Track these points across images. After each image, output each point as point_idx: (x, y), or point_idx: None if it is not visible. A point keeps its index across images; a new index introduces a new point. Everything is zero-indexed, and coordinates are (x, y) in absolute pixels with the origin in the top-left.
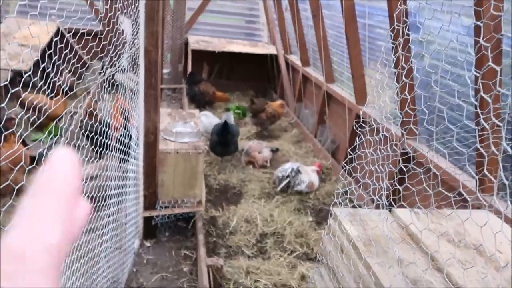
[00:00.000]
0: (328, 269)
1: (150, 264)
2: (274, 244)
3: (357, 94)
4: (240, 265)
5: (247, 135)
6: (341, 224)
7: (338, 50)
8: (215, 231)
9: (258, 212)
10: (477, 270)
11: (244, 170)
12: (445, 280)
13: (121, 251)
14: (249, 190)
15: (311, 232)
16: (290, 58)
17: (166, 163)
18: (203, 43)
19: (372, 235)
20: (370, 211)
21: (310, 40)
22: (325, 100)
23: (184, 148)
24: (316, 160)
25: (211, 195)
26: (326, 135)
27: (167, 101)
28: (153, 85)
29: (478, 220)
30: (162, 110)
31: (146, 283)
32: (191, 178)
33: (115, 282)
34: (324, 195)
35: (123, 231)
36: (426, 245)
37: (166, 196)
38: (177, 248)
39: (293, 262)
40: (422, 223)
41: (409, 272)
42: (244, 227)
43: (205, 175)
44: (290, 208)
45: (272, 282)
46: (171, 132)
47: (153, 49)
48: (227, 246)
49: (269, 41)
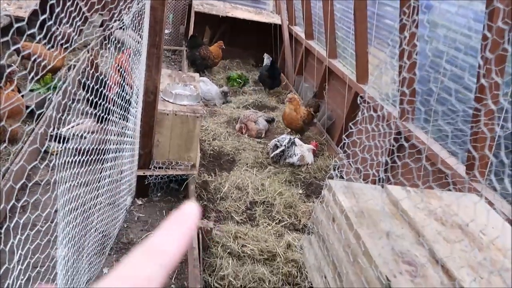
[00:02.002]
0: (318, 237)
1: (140, 222)
2: (263, 212)
3: (358, 72)
4: (229, 230)
5: (244, 104)
6: (335, 195)
7: (344, 25)
8: (206, 195)
9: (250, 180)
10: (461, 248)
11: (239, 138)
12: (429, 255)
13: (113, 207)
14: (243, 158)
15: (300, 204)
16: (294, 29)
17: (164, 124)
18: (208, 6)
19: (364, 207)
20: (363, 186)
21: (316, 13)
22: (326, 76)
23: (182, 110)
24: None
25: (205, 160)
26: (322, 111)
27: (166, 63)
28: (156, 44)
29: (467, 203)
30: (162, 71)
31: (136, 239)
32: (187, 141)
33: (106, 236)
34: (315, 169)
35: (117, 187)
36: (415, 221)
37: (161, 157)
38: (168, 209)
39: (280, 231)
40: (413, 201)
41: (396, 245)
42: (235, 193)
43: (200, 140)
44: (282, 179)
45: (258, 248)
46: (170, 94)
47: (159, 6)
48: (217, 210)
49: (274, 11)
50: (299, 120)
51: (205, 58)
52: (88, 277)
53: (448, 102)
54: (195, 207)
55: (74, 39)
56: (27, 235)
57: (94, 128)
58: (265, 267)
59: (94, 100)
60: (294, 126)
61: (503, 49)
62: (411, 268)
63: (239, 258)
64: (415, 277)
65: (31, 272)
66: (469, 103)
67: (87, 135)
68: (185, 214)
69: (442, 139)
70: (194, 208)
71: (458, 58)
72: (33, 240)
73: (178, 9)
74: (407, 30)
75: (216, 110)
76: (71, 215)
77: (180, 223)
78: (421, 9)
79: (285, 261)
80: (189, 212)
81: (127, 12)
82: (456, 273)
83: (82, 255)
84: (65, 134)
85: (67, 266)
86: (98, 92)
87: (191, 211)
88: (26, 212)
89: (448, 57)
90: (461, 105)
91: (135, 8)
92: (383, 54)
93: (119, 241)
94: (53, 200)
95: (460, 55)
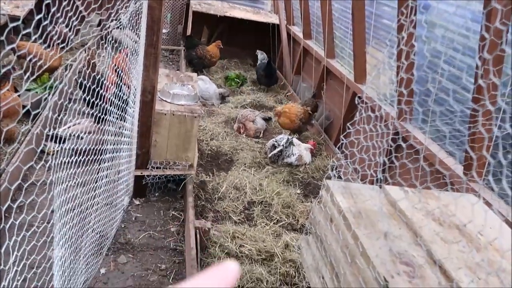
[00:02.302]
0: (316, 238)
1: (138, 222)
2: (261, 212)
3: (356, 72)
4: (227, 230)
5: (242, 103)
6: (333, 195)
7: (341, 25)
8: (204, 195)
9: (247, 180)
10: (458, 249)
11: (237, 138)
12: (427, 255)
13: (111, 207)
14: (240, 158)
15: (298, 204)
16: (292, 29)
17: (161, 124)
18: (205, 6)
19: (362, 208)
20: (361, 186)
21: (314, 13)
22: (324, 75)
23: (180, 110)
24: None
25: (202, 160)
26: (320, 111)
27: (164, 63)
28: (154, 43)
29: (464, 203)
30: (160, 71)
31: (134, 239)
32: (185, 141)
33: (103, 236)
34: (313, 169)
35: (115, 187)
36: (412, 221)
37: (159, 157)
38: (165, 209)
39: (278, 231)
40: (411, 201)
41: (394, 245)
42: (233, 193)
43: (198, 140)
44: (279, 179)
45: (256, 248)
46: (168, 93)
47: (157, 6)
48: (215, 210)
49: (272, 10)
50: (296, 119)
51: (202, 57)
52: (85, 278)
53: (446, 102)
54: (236, 266)
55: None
56: (23, 236)
57: (91, 128)
58: (263, 267)
59: (91, 100)
60: (292, 127)
61: (501, 50)
62: (409, 269)
63: (237, 258)
64: (413, 278)
65: (27, 273)
66: (467, 104)
67: (84, 135)
68: (226, 271)
69: (440, 139)
70: (235, 267)
71: (456, 59)
72: (29, 241)
73: (176, 8)
74: (405, 30)
75: (214, 110)
76: (68, 215)
77: (219, 279)
78: (419, 9)
79: (283, 261)
80: (230, 269)
81: (125, 11)
82: (454, 274)
83: (79, 255)
84: (62, 134)
85: (63, 267)
86: (95, 92)
87: (232, 269)
88: (22, 212)
89: (446, 57)
90: (459, 105)
91: (133, 8)
92: (381, 54)
93: (117, 241)
94: (50, 201)
95: (458, 56)
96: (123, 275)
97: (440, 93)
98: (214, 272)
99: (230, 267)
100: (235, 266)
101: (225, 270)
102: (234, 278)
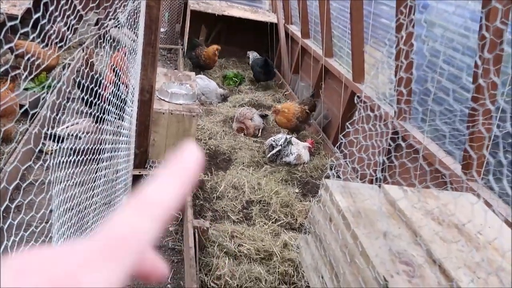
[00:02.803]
0: (315, 237)
1: None
2: (259, 211)
3: (354, 71)
4: (225, 229)
5: (240, 102)
6: (332, 195)
7: (340, 24)
8: (202, 194)
9: (246, 179)
10: (458, 248)
11: (235, 137)
12: (426, 255)
13: (109, 206)
14: (239, 158)
15: (297, 203)
16: (290, 28)
17: (159, 123)
18: (203, 4)
19: (361, 207)
20: (360, 185)
21: (312, 12)
22: (322, 75)
23: (178, 109)
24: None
25: None
26: (319, 110)
27: (162, 62)
28: (152, 42)
29: (463, 203)
30: (158, 70)
31: None
32: (183, 141)
33: None
34: (312, 168)
35: (113, 186)
36: (412, 221)
37: (157, 156)
38: None
39: (277, 230)
40: (410, 201)
41: (393, 245)
42: (231, 193)
43: (196, 139)
44: (278, 178)
45: (255, 247)
46: (166, 93)
47: (155, 4)
48: (213, 210)
49: (271, 9)
50: (293, 118)
51: (198, 57)
52: None
53: (445, 102)
54: (195, 151)
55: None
56: (21, 236)
57: (90, 128)
58: (261, 267)
59: (89, 99)
60: (289, 126)
61: (500, 49)
62: (408, 268)
63: (236, 257)
64: (412, 278)
65: None
66: (466, 103)
67: (82, 135)
68: (184, 160)
69: (439, 138)
70: (195, 151)
71: (456, 58)
72: (27, 241)
73: (174, 7)
74: (404, 29)
75: (212, 109)
76: (66, 215)
77: (179, 171)
78: (418, 8)
79: (282, 260)
80: (189, 156)
81: (123, 10)
82: (454, 274)
83: None
84: (60, 133)
85: None
86: (93, 91)
87: (191, 155)
88: (20, 212)
89: (445, 57)
90: (458, 105)
91: (131, 6)
92: (380, 53)
93: None
94: (48, 200)
95: (457, 55)
96: None
97: (440, 93)
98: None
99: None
100: (195, 150)
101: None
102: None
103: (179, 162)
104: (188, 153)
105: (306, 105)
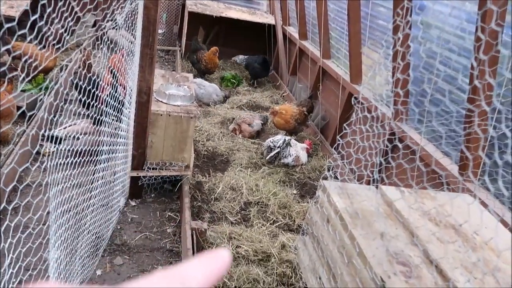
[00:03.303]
0: (312, 238)
1: (134, 223)
2: (257, 213)
3: (352, 72)
4: (223, 231)
5: (238, 104)
6: (329, 196)
7: (337, 26)
8: (200, 196)
9: (244, 181)
10: (454, 248)
11: (233, 138)
12: (423, 255)
13: (107, 208)
14: (237, 159)
15: (294, 204)
16: (288, 30)
17: (157, 124)
18: (201, 6)
19: (359, 208)
20: (358, 186)
21: (310, 13)
22: (320, 76)
23: (176, 111)
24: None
25: (198, 160)
26: (316, 111)
27: (159, 63)
28: (150, 44)
29: (460, 204)
30: (156, 71)
31: (130, 241)
32: (181, 142)
33: (99, 237)
34: (309, 169)
35: (111, 188)
36: (409, 221)
37: (155, 157)
38: (161, 210)
39: (275, 232)
40: (407, 201)
41: (390, 246)
42: (229, 194)
43: (194, 141)
44: (276, 179)
45: (253, 248)
46: (164, 94)
47: (152, 6)
48: (211, 211)
49: (268, 11)
50: (291, 120)
51: (200, 61)
52: (81, 280)
53: (441, 103)
54: (228, 254)
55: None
56: (18, 238)
57: (87, 129)
58: (259, 268)
59: (87, 101)
60: (287, 128)
61: (496, 51)
62: (406, 269)
63: (234, 259)
64: (409, 278)
65: (22, 276)
66: (463, 104)
67: (80, 136)
68: (218, 257)
69: (436, 139)
70: (227, 255)
71: (452, 59)
72: (25, 243)
73: (172, 9)
74: (401, 31)
75: (210, 110)
76: (63, 217)
77: (212, 262)
78: (414, 10)
79: (280, 261)
80: (221, 256)
81: (120, 12)
82: (450, 274)
83: (74, 257)
84: (58, 134)
85: (59, 268)
86: (90, 93)
87: (224, 256)
88: (17, 214)
89: (442, 58)
90: (455, 106)
91: (128, 8)
92: (377, 54)
93: (113, 242)
94: (45, 202)
95: (453, 56)
96: (119, 277)
97: (436, 94)
98: (207, 259)
99: (223, 255)
100: (227, 254)
101: (217, 257)
102: (226, 266)
103: (212, 256)
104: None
105: (304, 107)
